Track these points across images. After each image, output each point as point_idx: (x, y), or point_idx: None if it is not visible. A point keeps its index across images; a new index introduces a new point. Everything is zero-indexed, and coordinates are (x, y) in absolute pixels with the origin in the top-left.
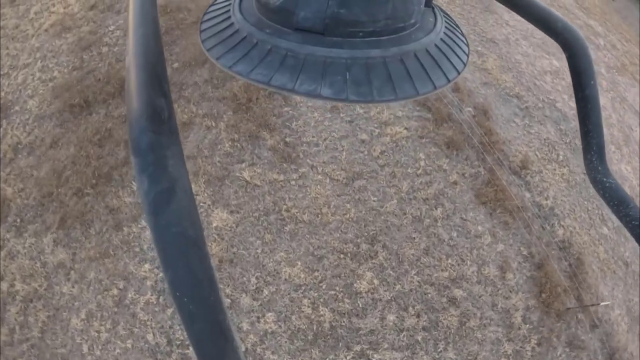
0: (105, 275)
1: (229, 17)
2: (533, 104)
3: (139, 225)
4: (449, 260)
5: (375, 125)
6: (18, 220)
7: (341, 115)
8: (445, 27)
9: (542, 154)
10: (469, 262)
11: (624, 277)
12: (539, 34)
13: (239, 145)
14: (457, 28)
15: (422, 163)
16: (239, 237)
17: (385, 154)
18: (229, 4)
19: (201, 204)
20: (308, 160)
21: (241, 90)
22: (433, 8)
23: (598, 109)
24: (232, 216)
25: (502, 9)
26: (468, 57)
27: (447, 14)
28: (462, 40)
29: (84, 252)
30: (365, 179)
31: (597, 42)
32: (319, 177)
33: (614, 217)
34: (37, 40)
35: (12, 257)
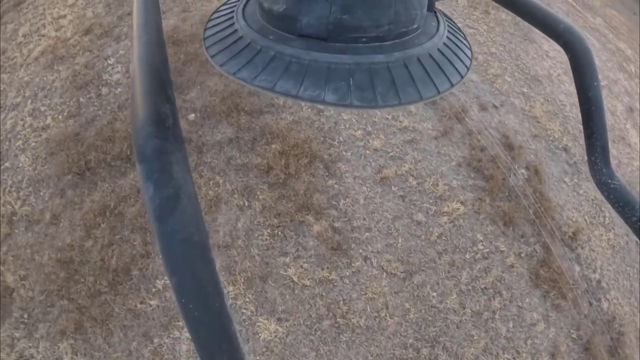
0: None
1: (233, 24)
2: (580, 158)
3: (172, 336)
4: (505, 355)
5: (431, 201)
6: (25, 316)
7: (393, 189)
8: (448, 31)
9: (590, 218)
10: (524, 355)
11: None
12: None
13: (280, 233)
14: (459, 32)
15: (480, 246)
16: (290, 349)
17: (443, 237)
18: (233, 11)
19: (243, 310)
20: (360, 251)
21: (276, 158)
22: (435, 12)
23: (602, 111)
24: (280, 326)
25: (540, 36)
26: (471, 60)
27: (449, 18)
28: (465, 45)
29: None
30: (424, 270)
31: (629, 70)
32: (374, 271)
33: None
34: (26, 72)
35: None
